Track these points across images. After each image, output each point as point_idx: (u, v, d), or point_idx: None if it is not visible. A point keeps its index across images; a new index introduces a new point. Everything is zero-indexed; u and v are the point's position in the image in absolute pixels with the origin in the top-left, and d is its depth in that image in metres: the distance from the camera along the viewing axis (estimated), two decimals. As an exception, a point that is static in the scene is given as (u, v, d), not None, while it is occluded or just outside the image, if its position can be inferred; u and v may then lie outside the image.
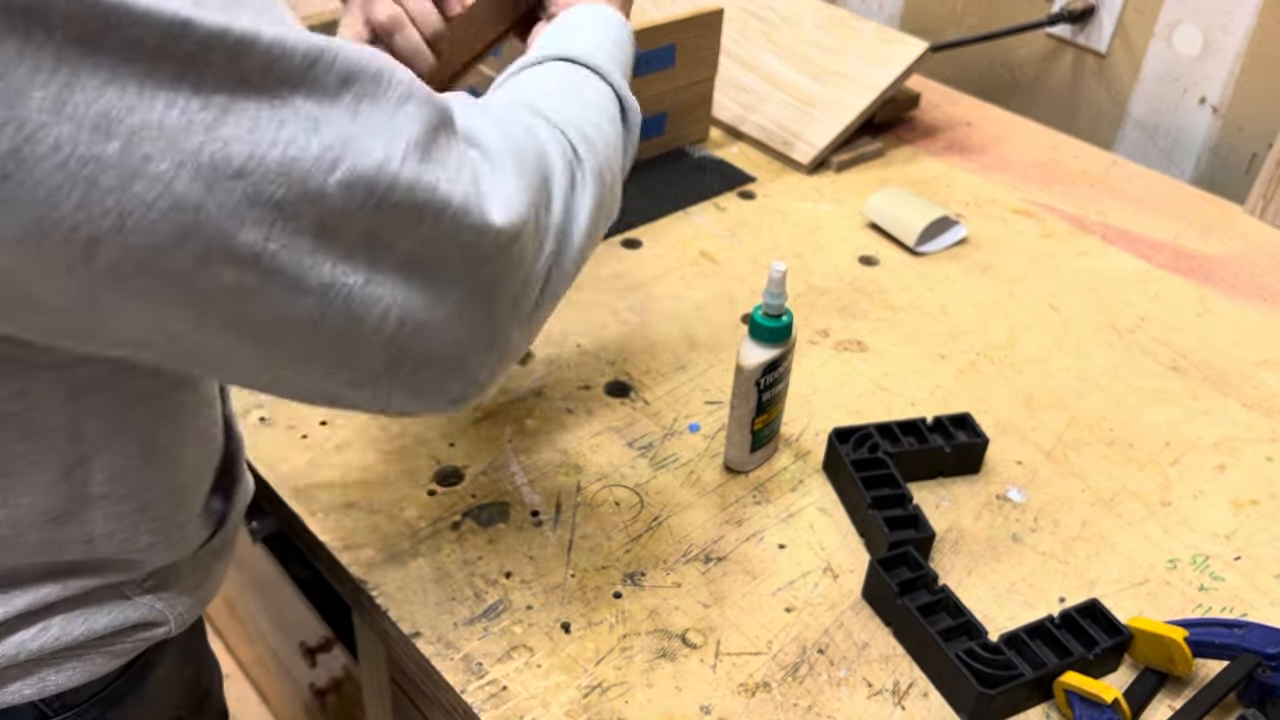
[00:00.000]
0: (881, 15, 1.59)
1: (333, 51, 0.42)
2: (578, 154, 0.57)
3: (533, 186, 0.51)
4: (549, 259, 0.54)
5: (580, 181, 0.56)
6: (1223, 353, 0.99)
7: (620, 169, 0.63)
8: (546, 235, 0.53)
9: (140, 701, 0.66)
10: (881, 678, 0.69)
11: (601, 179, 0.58)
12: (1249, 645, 0.67)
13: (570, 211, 0.55)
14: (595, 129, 0.60)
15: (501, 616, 0.71)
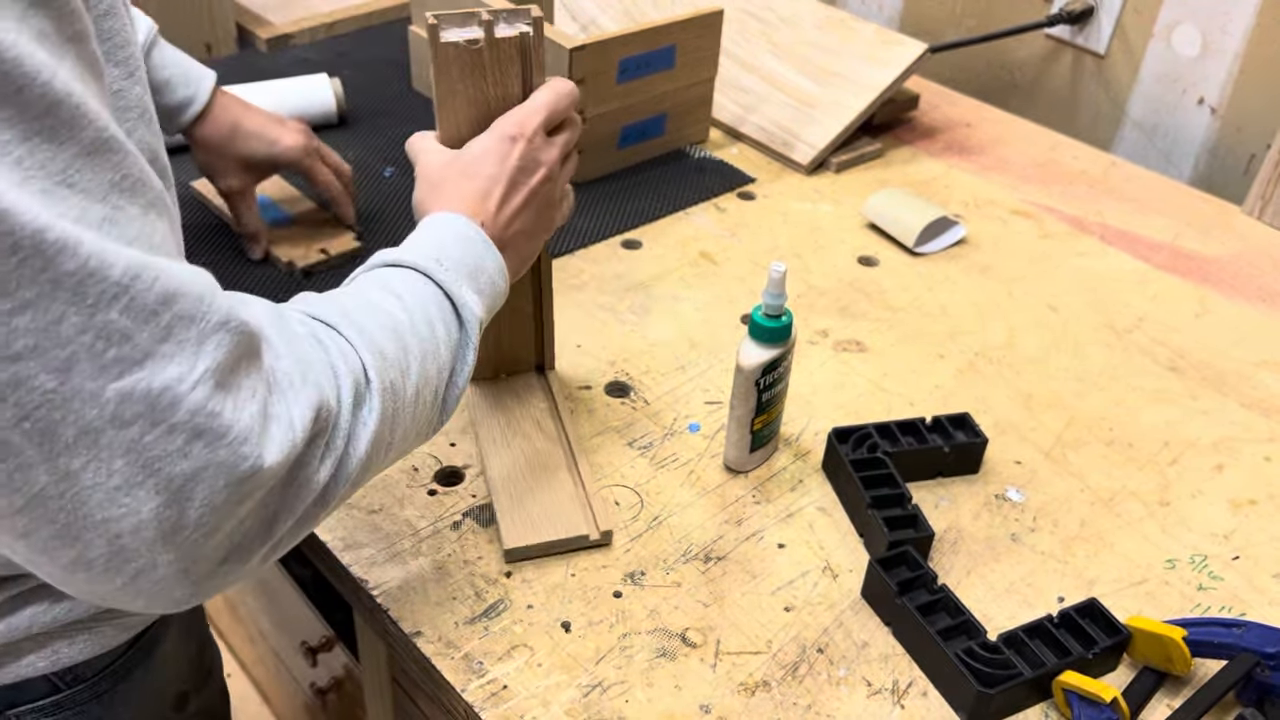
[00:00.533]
0: (881, 16, 1.59)
1: (154, 272, 0.43)
2: (368, 373, 0.55)
3: (315, 411, 0.50)
4: (321, 481, 0.52)
5: (366, 401, 0.55)
6: (1221, 353, 0.99)
7: (441, 373, 0.61)
8: (323, 461, 0.52)
9: (147, 675, 0.68)
10: (881, 677, 0.70)
11: (396, 394, 0.57)
12: (1247, 645, 0.67)
13: (351, 434, 0.53)
14: (397, 341, 0.58)
15: (502, 616, 0.72)
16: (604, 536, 0.75)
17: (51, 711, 0.64)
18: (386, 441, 0.57)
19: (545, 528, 0.75)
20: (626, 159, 1.20)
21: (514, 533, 0.75)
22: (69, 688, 0.63)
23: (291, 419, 0.49)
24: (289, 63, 1.37)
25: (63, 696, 0.63)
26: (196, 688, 0.76)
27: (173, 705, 0.73)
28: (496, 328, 0.85)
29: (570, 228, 1.10)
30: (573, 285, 1.02)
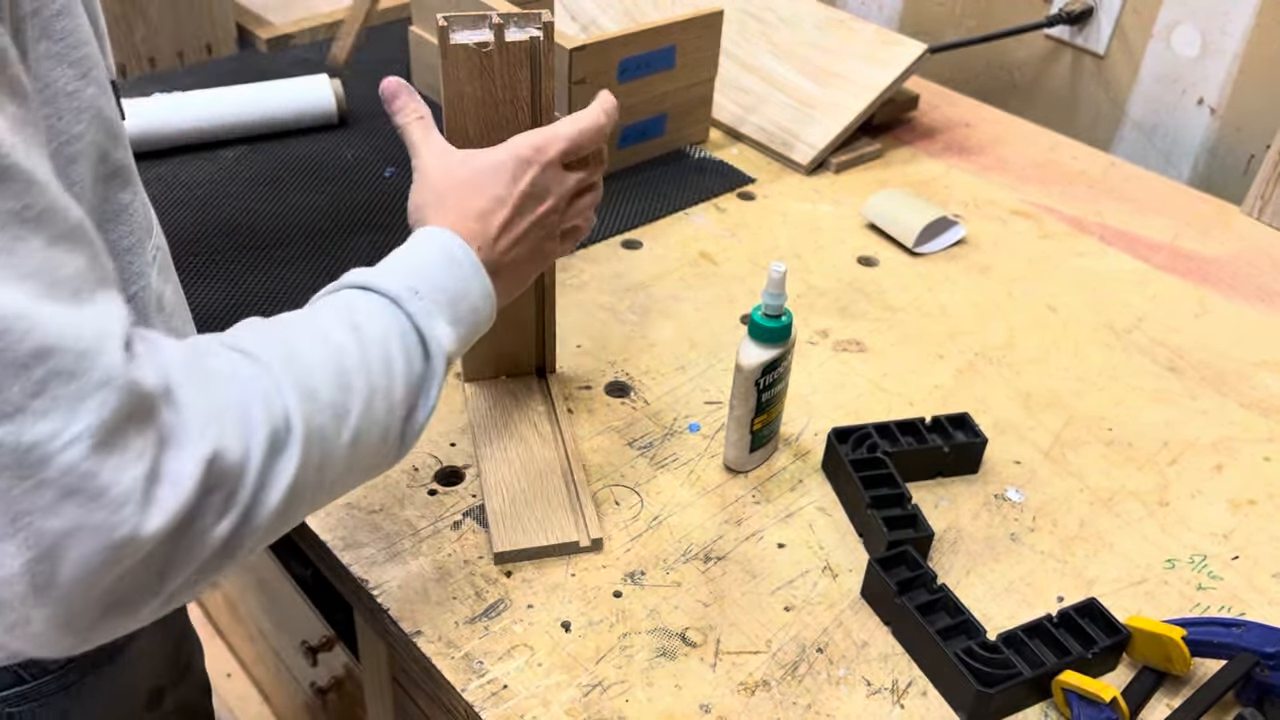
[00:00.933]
0: (880, 17, 1.59)
1: (28, 324, 0.41)
2: (289, 419, 0.51)
3: (208, 465, 0.47)
4: (220, 537, 0.48)
5: (285, 449, 0.51)
6: (1220, 353, 0.99)
7: (393, 411, 0.58)
8: (223, 515, 0.48)
9: (118, 670, 0.68)
10: (880, 676, 0.70)
11: (326, 438, 0.53)
12: (1247, 644, 0.67)
13: (262, 484, 0.50)
14: (339, 381, 0.54)
15: (502, 615, 0.72)
16: (594, 544, 0.76)
17: (16, 702, 0.63)
18: (314, 485, 0.53)
19: (536, 532, 0.75)
20: (626, 159, 1.20)
21: (504, 536, 0.75)
22: (34, 679, 0.63)
23: (181, 476, 0.45)
24: (289, 63, 1.37)
25: (28, 688, 0.63)
26: (173, 682, 0.76)
27: (146, 702, 0.73)
28: (497, 329, 0.85)
29: (570, 228, 1.10)
30: (573, 285, 1.02)
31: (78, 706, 0.66)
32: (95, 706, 0.67)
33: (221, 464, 0.47)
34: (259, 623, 1.33)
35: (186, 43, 1.35)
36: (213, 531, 0.47)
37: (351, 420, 0.55)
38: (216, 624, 1.57)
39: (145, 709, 0.73)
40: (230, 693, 1.53)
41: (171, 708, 0.76)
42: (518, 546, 0.74)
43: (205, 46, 1.37)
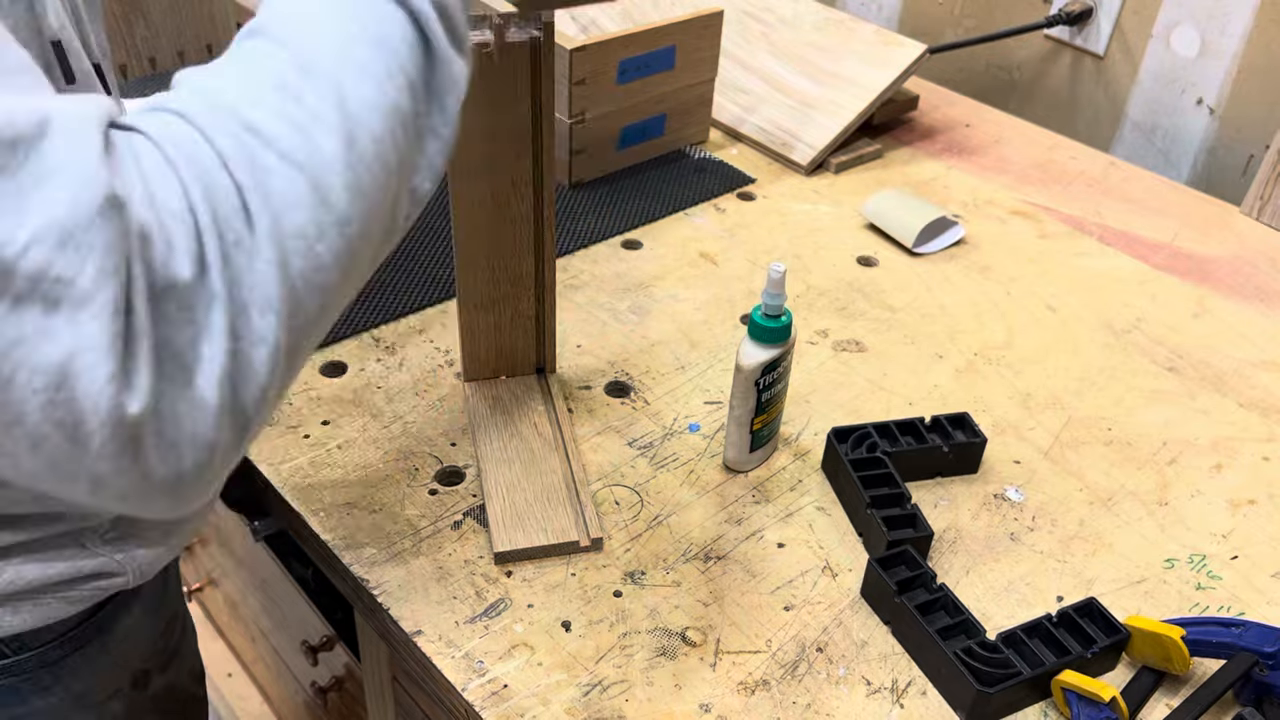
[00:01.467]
0: (880, 17, 1.60)
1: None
2: (247, 205, 0.42)
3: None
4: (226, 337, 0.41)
5: (247, 247, 0.42)
6: (1219, 353, 0.99)
7: (403, 158, 0.47)
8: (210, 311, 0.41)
9: (102, 650, 0.67)
10: (880, 676, 0.70)
11: (300, 236, 0.43)
12: (1246, 644, 0.68)
13: (237, 298, 0.41)
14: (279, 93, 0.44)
15: (502, 615, 0.72)
16: (594, 543, 0.76)
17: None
18: (329, 272, 0.44)
19: (536, 532, 0.75)
20: (626, 159, 1.21)
21: (504, 536, 0.75)
22: (15, 654, 0.63)
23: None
24: (289, 63, 1.37)
25: (9, 663, 0.63)
26: (160, 666, 0.75)
27: (132, 682, 0.72)
28: (497, 329, 0.86)
29: (570, 228, 1.10)
30: (573, 285, 1.02)
31: (59, 684, 0.66)
32: (77, 684, 0.67)
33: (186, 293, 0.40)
34: (259, 622, 1.33)
35: (187, 43, 1.35)
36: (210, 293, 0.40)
37: (326, 127, 0.44)
38: (217, 624, 1.57)
39: (131, 688, 0.72)
40: (231, 692, 1.53)
41: (159, 690, 0.75)
42: (518, 546, 0.74)
43: (206, 46, 1.38)
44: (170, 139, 0.41)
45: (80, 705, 0.68)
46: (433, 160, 0.50)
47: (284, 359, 0.44)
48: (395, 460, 0.82)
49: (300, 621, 1.13)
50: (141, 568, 0.64)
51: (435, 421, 0.86)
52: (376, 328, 0.95)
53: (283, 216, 0.42)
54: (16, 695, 0.64)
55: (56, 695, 0.66)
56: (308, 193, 0.43)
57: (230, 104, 0.43)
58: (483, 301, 0.84)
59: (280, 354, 0.43)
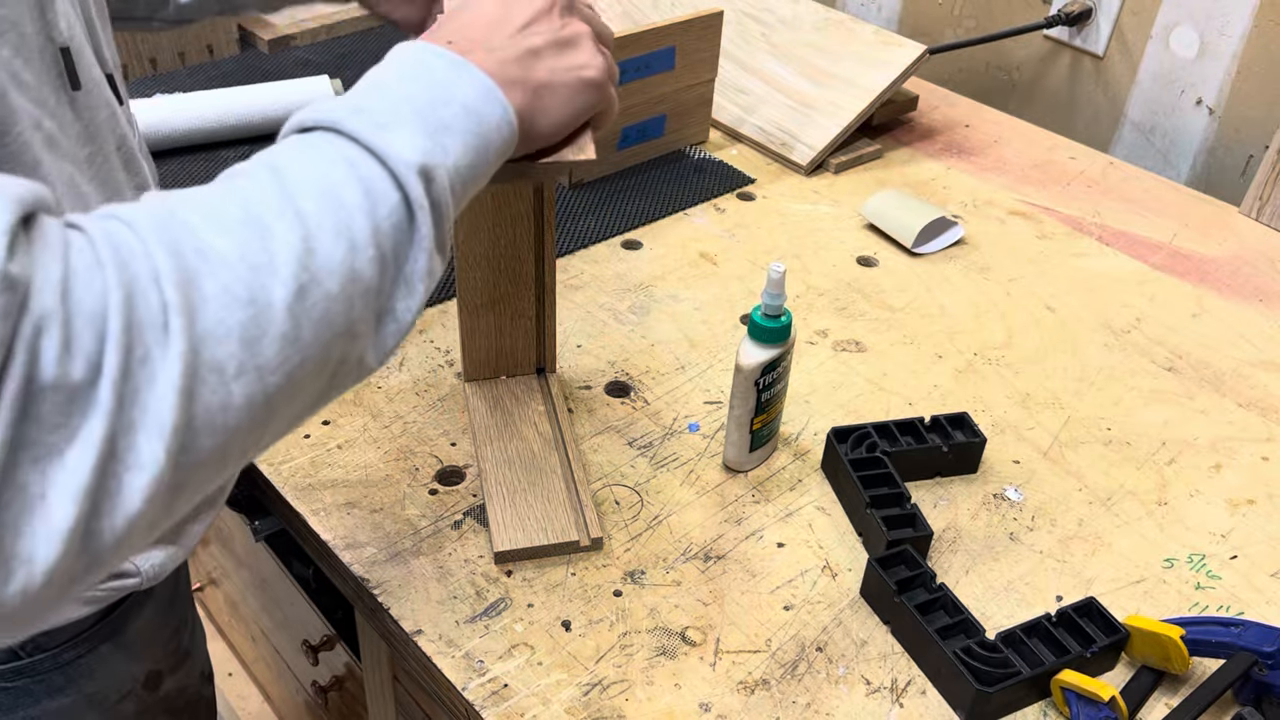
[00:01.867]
0: (880, 18, 1.60)
1: None
2: (168, 324, 0.39)
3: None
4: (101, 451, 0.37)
5: (153, 366, 0.38)
6: (1219, 353, 0.99)
7: (359, 250, 0.44)
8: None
9: (116, 650, 0.68)
10: (880, 675, 0.70)
11: (216, 370, 0.40)
12: (1245, 643, 0.68)
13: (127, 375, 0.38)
14: (244, 230, 0.42)
15: (502, 614, 0.72)
16: (594, 543, 0.76)
17: (11, 677, 0.64)
18: (234, 368, 0.41)
19: (536, 531, 0.76)
20: (626, 160, 1.21)
21: (504, 536, 0.75)
22: (29, 655, 0.63)
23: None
24: (290, 64, 1.38)
25: (23, 664, 0.63)
26: (172, 668, 0.76)
27: (144, 683, 0.73)
28: (497, 330, 0.86)
29: (570, 228, 1.10)
30: (573, 285, 1.03)
31: (72, 685, 0.66)
32: (90, 685, 0.67)
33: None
34: (260, 622, 1.33)
35: (188, 43, 1.35)
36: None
37: (281, 273, 0.42)
38: (217, 623, 1.57)
39: (143, 689, 0.73)
40: (231, 692, 1.53)
41: (170, 690, 0.76)
42: (518, 545, 0.75)
43: (206, 47, 1.38)
44: (108, 241, 0.39)
45: (93, 706, 0.69)
46: (384, 341, 0.48)
47: (163, 494, 0.39)
48: (395, 460, 0.82)
49: (301, 621, 1.13)
50: (154, 568, 0.64)
51: (435, 421, 0.86)
52: (377, 328, 0.95)
53: (203, 345, 0.39)
54: (30, 696, 0.65)
55: (70, 696, 0.67)
56: (238, 328, 0.40)
57: (189, 224, 0.41)
58: (483, 302, 0.84)
59: (160, 487, 0.39)
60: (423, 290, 0.48)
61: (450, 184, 0.49)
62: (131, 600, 0.68)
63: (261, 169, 0.45)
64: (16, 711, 0.65)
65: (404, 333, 0.48)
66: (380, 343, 0.48)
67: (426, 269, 0.48)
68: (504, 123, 0.52)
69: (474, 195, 0.53)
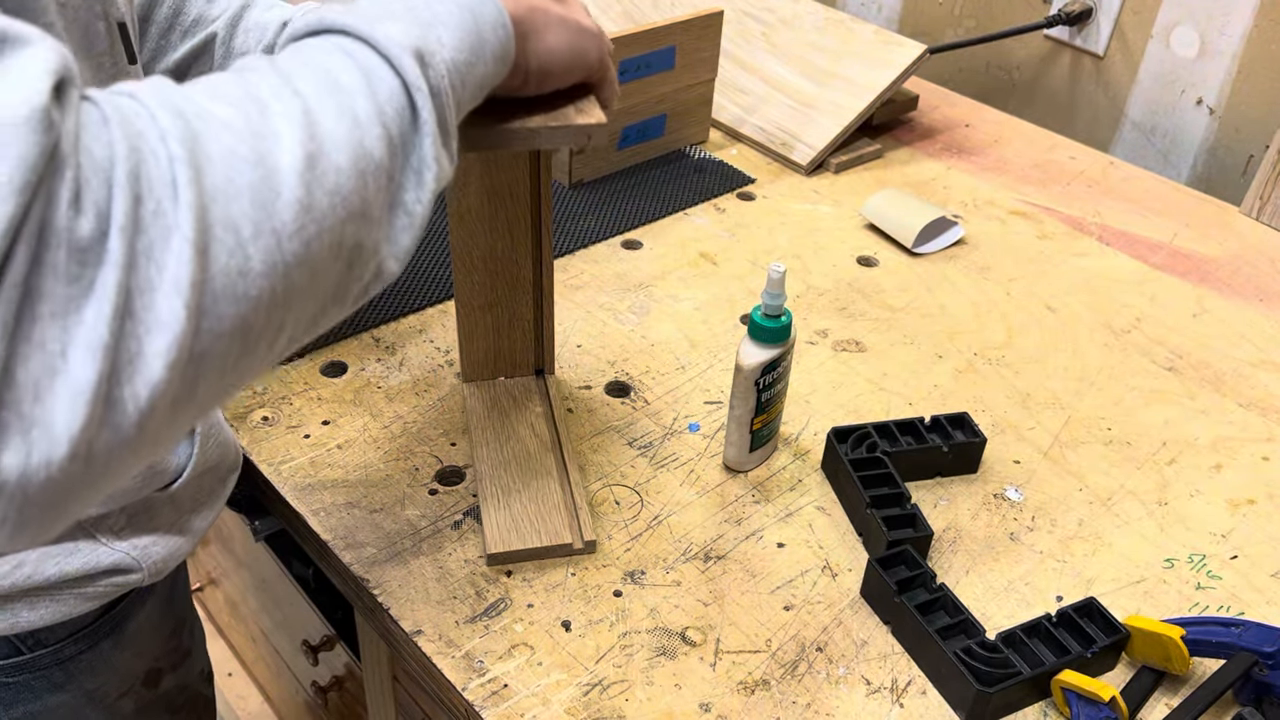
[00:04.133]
0: (880, 18, 1.60)
1: None
2: (176, 179, 0.37)
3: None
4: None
5: (166, 220, 0.37)
6: (1219, 353, 0.99)
7: (364, 127, 0.44)
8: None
9: (116, 647, 0.68)
10: (880, 676, 0.70)
11: (231, 229, 0.39)
12: (1246, 644, 0.68)
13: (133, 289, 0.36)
14: (244, 104, 0.42)
15: (502, 615, 0.72)
16: (587, 545, 0.76)
17: (13, 673, 0.64)
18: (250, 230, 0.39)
19: (529, 534, 0.75)
20: (626, 160, 1.21)
21: (498, 538, 0.75)
22: (30, 651, 0.64)
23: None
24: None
25: (24, 659, 0.63)
26: (172, 665, 0.76)
27: (144, 681, 0.73)
28: (496, 331, 0.86)
29: (570, 228, 1.10)
30: (573, 285, 1.02)
31: (73, 681, 0.67)
32: (90, 682, 0.68)
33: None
34: (260, 622, 1.33)
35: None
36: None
37: (285, 141, 0.41)
38: (217, 623, 1.57)
39: (143, 687, 0.73)
40: (231, 692, 1.53)
41: (170, 689, 0.76)
42: (511, 548, 0.75)
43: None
44: (112, 104, 0.38)
45: (93, 702, 0.69)
46: (398, 236, 0.47)
47: (185, 362, 0.38)
48: (395, 460, 0.82)
49: (300, 621, 1.13)
50: (155, 564, 0.64)
51: (435, 421, 0.86)
52: (376, 328, 0.95)
53: (215, 200, 0.38)
54: (30, 691, 0.65)
55: (70, 692, 0.67)
56: (249, 188, 0.39)
57: (190, 95, 0.41)
58: (481, 304, 0.84)
59: (182, 353, 0.37)
60: (431, 181, 0.47)
61: (448, 74, 0.48)
62: (132, 597, 0.69)
63: (257, 61, 0.45)
64: (17, 707, 0.65)
65: (417, 229, 0.47)
66: (394, 237, 0.47)
67: (433, 156, 0.47)
68: (499, 24, 0.52)
69: (475, 101, 0.52)
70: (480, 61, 0.51)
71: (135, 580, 0.64)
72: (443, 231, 1.08)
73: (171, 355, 0.37)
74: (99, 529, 0.61)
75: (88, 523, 0.60)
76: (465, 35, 0.50)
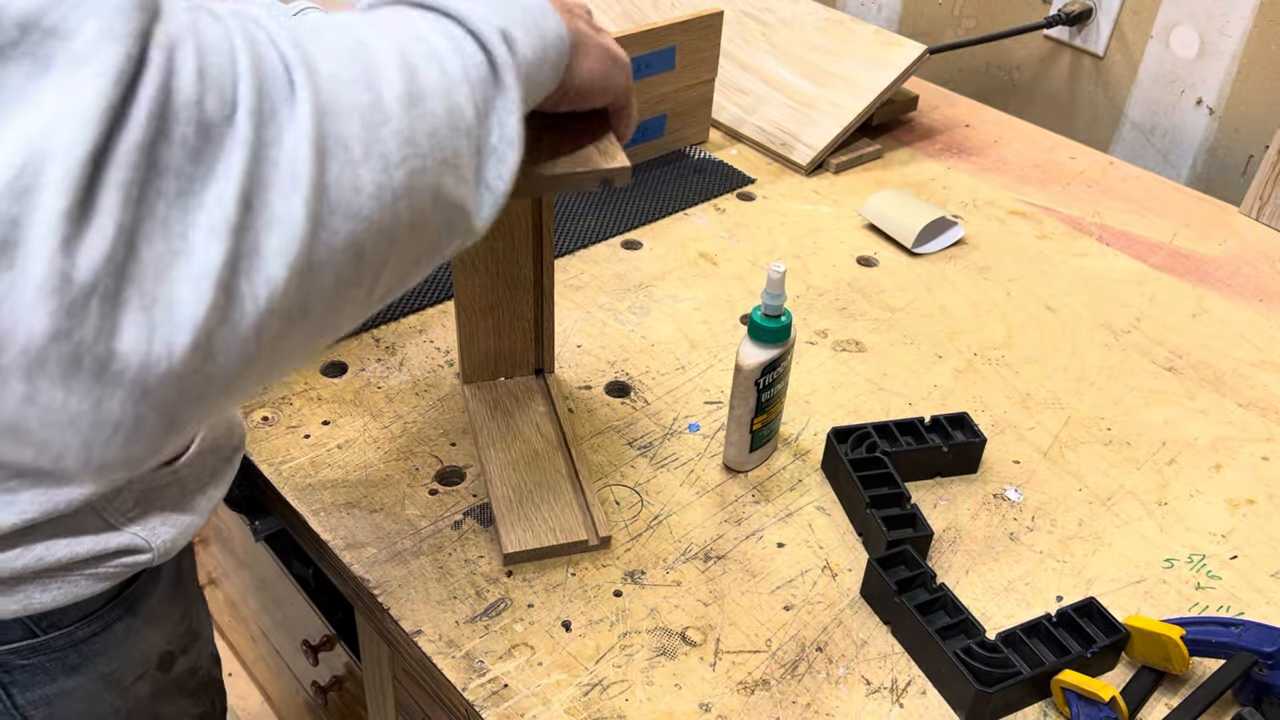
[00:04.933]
0: (880, 18, 1.60)
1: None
2: (293, 81, 0.38)
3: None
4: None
5: (282, 117, 0.37)
6: (1219, 353, 0.99)
7: (458, 102, 0.44)
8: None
9: (130, 629, 0.69)
10: (880, 676, 0.70)
11: (342, 145, 0.38)
12: (1246, 643, 0.68)
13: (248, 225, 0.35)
14: (355, 56, 0.41)
15: (503, 615, 0.72)
16: (602, 542, 0.76)
17: (28, 655, 0.64)
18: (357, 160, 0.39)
19: (544, 532, 0.75)
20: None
21: (513, 537, 0.75)
22: (45, 633, 0.64)
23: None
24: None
25: (39, 641, 0.64)
26: (183, 648, 0.76)
27: (158, 664, 0.73)
28: (496, 332, 0.86)
29: (570, 228, 1.10)
30: (573, 285, 1.03)
31: (88, 664, 0.67)
32: (105, 664, 0.68)
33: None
34: (260, 622, 1.33)
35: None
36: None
37: (387, 75, 0.41)
38: (217, 623, 1.57)
39: (157, 670, 0.74)
40: (231, 691, 1.53)
41: (182, 671, 0.77)
42: (527, 547, 0.74)
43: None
44: (224, 9, 0.38)
45: (109, 686, 0.69)
46: (484, 206, 0.47)
47: (300, 272, 0.37)
48: (395, 460, 0.82)
49: (300, 621, 1.13)
50: (164, 544, 0.65)
51: (435, 421, 0.86)
52: (376, 328, 0.95)
53: (327, 114, 0.38)
54: (46, 674, 0.66)
55: (85, 675, 0.67)
56: (358, 110, 0.39)
57: (292, 26, 0.40)
58: (481, 305, 0.84)
59: (300, 255, 0.36)
60: (511, 159, 0.47)
61: (524, 64, 0.49)
62: (143, 579, 0.69)
63: (344, 15, 0.45)
64: (34, 690, 0.65)
65: (499, 204, 0.47)
66: (481, 205, 0.47)
67: (516, 134, 0.47)
68: (559, 36, 0.53)
69: (529, 106, 0.52)
70: (542, 66, 0.52)
71: (145, 561, 0.64)
72: (443, 231, 1.08)
73: (290, 255, 0.36)
74: (108, 511, 0.61)
75: (97, 504, 0.60)
76: (533, 40, 0.51)
